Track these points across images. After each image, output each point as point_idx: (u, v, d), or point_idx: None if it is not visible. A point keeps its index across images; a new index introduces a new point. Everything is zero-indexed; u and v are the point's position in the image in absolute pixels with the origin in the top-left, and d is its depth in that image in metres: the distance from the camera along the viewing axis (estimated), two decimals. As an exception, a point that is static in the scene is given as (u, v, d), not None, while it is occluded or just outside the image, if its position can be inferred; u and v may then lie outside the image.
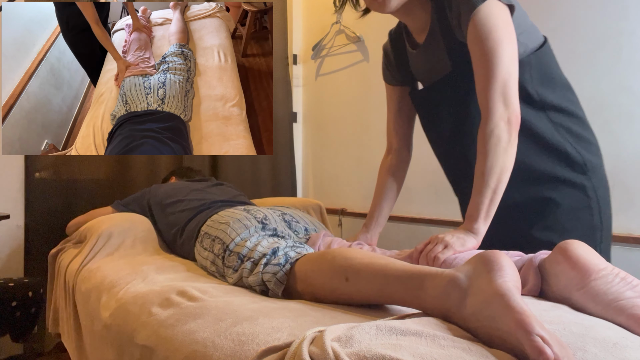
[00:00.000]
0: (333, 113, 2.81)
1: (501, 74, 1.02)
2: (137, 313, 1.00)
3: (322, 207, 2.17)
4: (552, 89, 1.15)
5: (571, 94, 1.19)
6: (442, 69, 1.20)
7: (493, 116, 1.02)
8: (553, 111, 1.14)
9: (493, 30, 1.03)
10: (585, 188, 1.13)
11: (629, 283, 0.77)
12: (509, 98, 1.02)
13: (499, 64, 1.02)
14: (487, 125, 1.02)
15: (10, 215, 1.97)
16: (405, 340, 0.62)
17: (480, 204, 1.02)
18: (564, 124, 1.14)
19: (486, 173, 1.01)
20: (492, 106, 1.02)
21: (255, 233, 1.25)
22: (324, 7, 2.80)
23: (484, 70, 1.03)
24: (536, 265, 0.88)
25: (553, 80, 1.17)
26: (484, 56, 1.03)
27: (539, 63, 1.14)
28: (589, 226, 1.13)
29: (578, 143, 1.14)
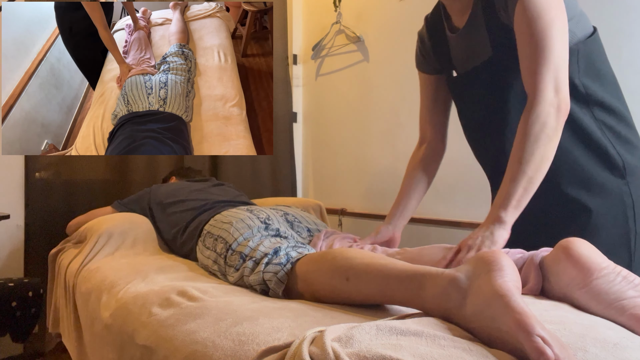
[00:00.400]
0: (333, 113, 2.81)
1: (554, 57, 0.96)
2: (137, 313, 1.00)
3: (322, 207, 2.17)
4: (599, 83, 1.08)
5: (618, 91, 1.12)
6: (482, 53, 1.13)
7: (542, 101, 0.95)
8: (598, 107, 1.07)
9: (545, 10, 0.96)
10: (622, 193, 1.06)
11: (631, 282, 0.77)
12: (560, 84, 0.96)
13: (552, 46, 0.96)
14: (534, 109, 0.95)
15: (10, 215, 1.97)
16: (405, 340, 0.62)
17: (513, 192, 0.94)
18: (607, 122, 1.07)
19: (524, 159, 0.94)
20: (541, 90, 0.95)
21: (258, 233, 1.26)
22: (324, 7, 2.80)
23: (535, 52, 0.96)
24: (537, 263, 0.88)
25: (600, 73, 1.10)
26: (535, 37, 0.96)
27: (587, 53, 1.06)
28: (624, 233, 1.06)
29: (620, 144, 1.07)
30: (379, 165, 2.50)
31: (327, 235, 1.37)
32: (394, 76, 2.38)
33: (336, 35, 2.74)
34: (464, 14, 1.15)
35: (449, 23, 1.23)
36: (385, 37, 2.43)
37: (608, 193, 1.05)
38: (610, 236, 1.05)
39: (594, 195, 1.06)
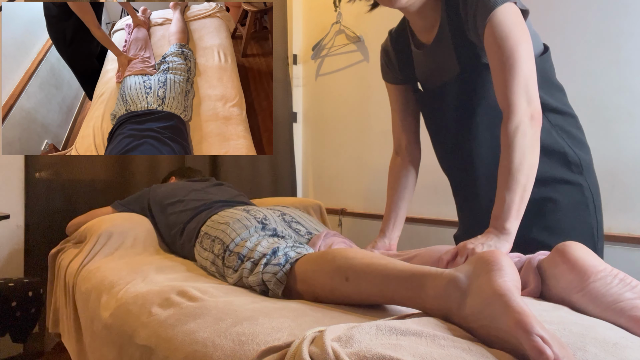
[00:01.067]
0: (333, 113, 2.81)
1: (523, 72, 1.02)
2: (137, 313, 1.00)
3: (322, 207, 2.17)
4: (550, 93, 1.17)
5: (565, 97, 1.22)
6: (449, 70, 1.20)
7: (517, 113, 1.01)
8: (552, 113, 1.16)
9: (512, 30, 1.03)
10: (582, 187, 1.15)
11: (628, 284, 0.77)
12: (531, 95, 1.02)
13: (521, 62, 1.02)
14: (512, 121, 1.01)
15: (10, 215, 1.97)
16: (405, 340, 0.62)
17: (511, 202, 0.97)
18: (561, 126, 1.16)
19: (514, 169, 0.98)
20: (515, 103, 1.01)
21: (255, 233, 1.25)
22: (324, 7, 2.80)
23: (506, 69, 1.03)
24: (535, 266, 0.88)
25: (552, 84, 1.20)
26: (505, 55, 1.03)
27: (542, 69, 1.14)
28: (588, 225, 1.15)
29: (574, 144, 1.17)
30: (379, 165, 2.50)
31: (328, 237, 1.37)
32: (393, 76, 2.38)
33: (336, 35, 2.74)
34: (430, 32, 1.21)
35: (414, 39, 1.28)
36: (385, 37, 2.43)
37: (570, 187, 1.14)
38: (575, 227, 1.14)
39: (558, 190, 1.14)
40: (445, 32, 1.17)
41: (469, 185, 1.26)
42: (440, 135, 1.31)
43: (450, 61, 1.19)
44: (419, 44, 1.27)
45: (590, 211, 1.15)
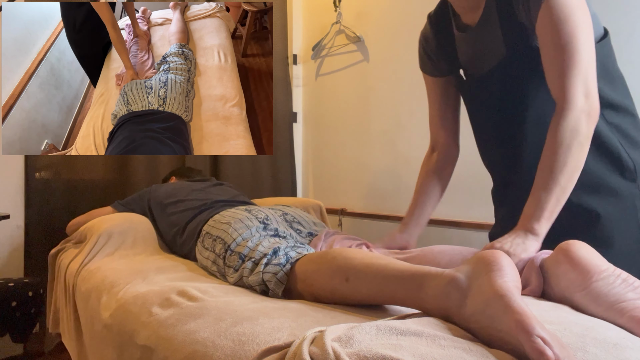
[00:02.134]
0: (333, 113, 2.81)
1: (583, 62, 0.93)
2: (137, 313, 1.00)
3: (322, 207, 2.17)
4: (610, 85, 1.06)
5: (627, 91, 1.10)
6: (494, 53, 1.09)
7: (574, 107, 0.92)
8: (609, 110, 1.05)
9: (572, 12, 0.93)
10: (634, 197, 1.03)
11: (631, 284, 0.77)
12: (590, 89, 0.94)
13: (580, 50, 0.93)
14: (565, 116, 0.92)
15: (10, 215, 1.97)
16: (405, 341, 0.62)
17: (546, 202, 0.91)
18: (618, 125, 1.05)
19: (557, 168, 0.91)
20: (572, 96, 0.93)
21: (257, 233, 1.25)
22: (324, 7, 2.80)
23: (562, 56, 0.93)
24: (537, 265, 0.88)
25: (612, 75, 1.08)
26: (563, 40, 0.93)
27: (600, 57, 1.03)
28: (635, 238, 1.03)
29: (630, 146, 1.05)
30: (379, 165, 2.50)
31: (328, 236, 1.37)
32: (394, 76, 2.38)
33: (336, 35, 2.74)
34: (475, 11, 1.10)
35: (457, 21, 1.17)
36: (385, 37, 2.43)
37: (619, 197, 1.03)
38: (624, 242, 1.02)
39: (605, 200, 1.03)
40: (492, 12, 1.06)
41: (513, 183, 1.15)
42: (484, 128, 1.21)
43: (496, 44, 1.08)
44: (462, 26, 1.16)
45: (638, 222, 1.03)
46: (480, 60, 1.14)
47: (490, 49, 1.10)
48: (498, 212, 1.26)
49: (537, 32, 0.98)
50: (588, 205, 1.03)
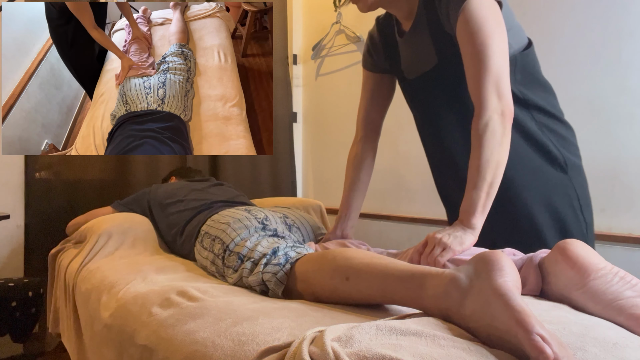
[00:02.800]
0: (333, 113, 2.81)
1: (494, 67, 1.01)
2: (137, 313, 1.00)
3: (322, 207, 2.17)
4: (534, 91, 1.16)
5: (552, 97, 1.20)
6: (428, 60, 1.18)
7: (487, 109, 1.00)
8: (536, 111, 1.15)
9: (485, 22, 1.01)
10: (567, 187, 1.15)
11: (628, 282, 0.77)
12: (502, 91, 1.01)
13: (492, 56, 1.01)
14: (481, 118, 1.00)
15: (10, 215, 1.97)
16: (405, 340, 0.62)
17: (477, 198, 0.99)
18: (546, 124, 1.16)
19: (482, 166, 0.99)
20: (485, 99, 1.00)
21: (256, 233, 1.25)
22: (324, 7, 2.80)
23: (476, 63, 1.02)
24: (536, 264, 0.88)
25: (536, 81, 1.18)
26: (476, 49, 1.01)
27: (524, 64, 1.13)
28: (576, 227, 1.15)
29: (559, 142, 1.16)
30: (379, 165, 2.48)
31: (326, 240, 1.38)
32: (393, 76, 2.38)
33: (336, 35, 2.74)
34: (409, 20, 1.19)
35: (398, 27, 1.26)
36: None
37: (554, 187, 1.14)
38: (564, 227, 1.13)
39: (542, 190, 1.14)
40: (422, 22, 1.15)
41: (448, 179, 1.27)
42: (422, 128, 1.31)
43: (428, 51, 1.17)
44: (401, 32, 1.25)
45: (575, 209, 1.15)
46: (416, 64, 1.23)
47: (424, 56, 1.19)
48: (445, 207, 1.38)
49: (458, 41, 1.06)
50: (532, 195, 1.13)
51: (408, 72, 1.27)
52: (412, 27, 1.17)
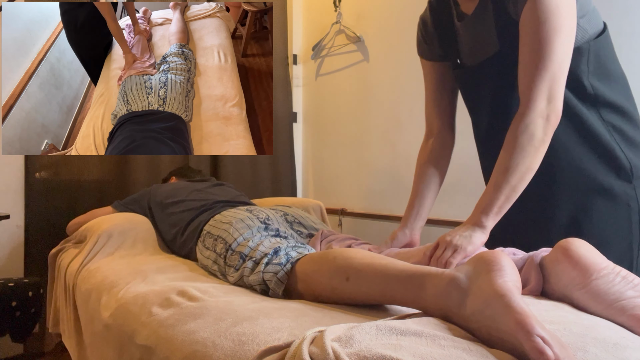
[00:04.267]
0: (333, 113, 2.81)
1: (553, 66, 0.93)
2: (137, 313, 1.00)
3: (322, 207, 2.17)
4: (607, 83, 1.05)
5: (627, 90, 1.09)
6: (489, 47, 1.09)
7: (533, 110, 0.94)
8: (606, 108, 1.04)
9: (553, 14, 0.93)
10: (628, 197, 1.03)
11: (631, 282, 0.77)
12: (555, 94, 0.95)
13: (553, 54, 0.93)
14: (524, 118, 0.95)
15: (10, 215, 1.97)
16: (405, 340, 0.62)
17: (495, 199, 0.96)
18: (615, 124, 1.04)
19: (510, 169, 0.95)
20: (534, 98, 0.94)
21: (258, 233, 1.26)
22: (324, 7, 2.80)
23: (534, 58, 0.94)
24: (537, 263, 0.88)
25: (610, 72, 1.06)
26: (538, 42, 0.94)
27: (597, 52, 1.03)
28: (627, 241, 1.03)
29: (627, 146, 1.04)
30: (379, 165, 2.50)
31: (325, 236, 1.37)
32: (394, 76, 2.38)
33: (336, 35, 2.74)
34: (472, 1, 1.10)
35: (457, 9, 1.16)
36: (385, 37, 2.43)
37: (613, 197, 1.03)
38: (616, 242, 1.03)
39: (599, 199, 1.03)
40: (487, 4, 1.06)
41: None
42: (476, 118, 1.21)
43: (490, 37, 1.08)
44: (461, 15, 1.14)
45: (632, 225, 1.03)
46: (476, 50, 1.13)
47: (485, 42, 1.10)
48: None
49: (520, 28, 0.98)
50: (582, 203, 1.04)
51: (467, 59, 1.18)
52: (476, 9, 1.07)
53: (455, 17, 1.16)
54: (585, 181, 1.04)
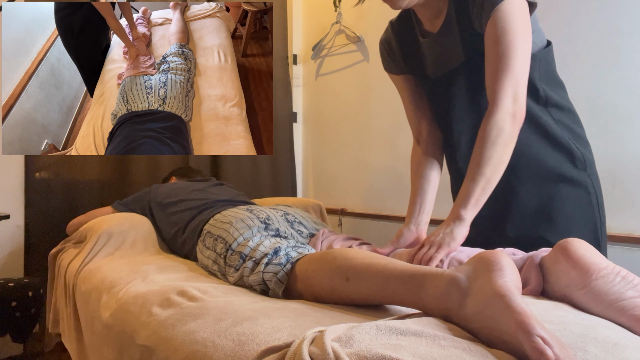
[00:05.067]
0: (333, 113, 2.81)
1: (516, 69, 1.02)
2: (137, 313, 1.00)
3: (322, 207, 2.17)
4: (553, 87, 1.18)
5: (565, 93, 1.23)
6: (455, 58, 1.19)
7: (501, 108, 1.02)
8: (554, 108, 1.17)
9: (513, 24, 1.03)
10: (587, 184, 1.15)
11: (630, 282, 0.77)
12: (519, 94, 1.03)
13: (516, 58, 1.02)
14: (493, 116, 1.02)
15: (10, 215, 1.97)
16: (405, 341, 0.62)
17: (472, 191, 1.01)
18: (564, 122, 1.17)
19: (483, 162, 1.01)
20: (501, 98, 1.02)
21: (258, 233, 1.25)
22: (324, 7, 2.80)
23: (499, 62, 1.03)
24: (537, 263, 0.88)
25: (555, 78, 1.20)
26: (501, 48, 1.03)
27: (545, 61, 1.16)
28: (592, 223, 1.15)
29: (577, 140, 1.17)
30: (379, 165, 2.50)
31: (326, 236, 1.37)
32: (394, 76, 2.38)
33: (336, 35, 2.74)
34: (436, 20, 1.20)
35: (420, 28, 1.26)
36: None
37: (576, 184, 1.15)
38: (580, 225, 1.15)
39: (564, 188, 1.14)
40: (452, 22, 1.16)
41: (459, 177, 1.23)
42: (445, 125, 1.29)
43: (456, 50, 1.18)
44: (425, 33, 1.25)
45: (594, 208, 1.16)
46: (442, 63, 1.22)
47: (451, 54, 1.19)
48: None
49: (484, 40, 1.08)
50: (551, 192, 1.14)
51: (433, 71, 1.27)
52: (443, 26, 1.17)
53: (419, 35, 1.26)
54: (548, 172, 1.15)
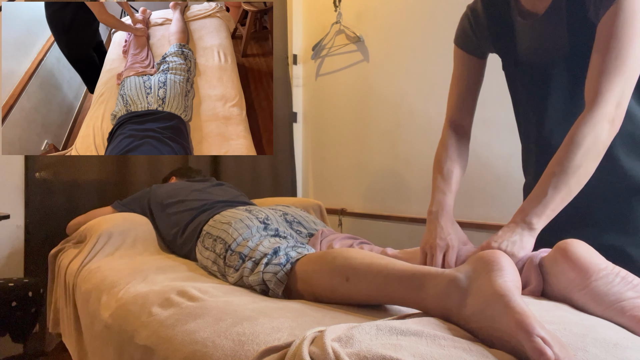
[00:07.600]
0: (333, 113, 2.81)
1: (628, 71, 0.91)
2: (137, 313, 1.00)
3: (322, 207, 2.17)
4: None
5: None
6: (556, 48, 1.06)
7: (601, 112, 0.91)
8: None
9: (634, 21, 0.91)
10: None
11: (630, 282, 0.77)
12: (623, 100, 0.92)
13: (630, 59, 0.91)
14: (590, 119, 0.91)
15: (10, 215, 1.97)
16: (405, 340, 0.62)
17: (551, 200, 0.90)
18: None
19: (570, 170, 0.90)
20: (605, 101, 0.91)
21: (257, 233, 1.25)
22: (324, 7, 2.80)
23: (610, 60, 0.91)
24: (537, 264, 0.88)
25: None
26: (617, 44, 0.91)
27: None
28: None
29: None
30: (379, 165, 2.50)
31: (325, 236, 1.37)
32: (394, 76, 2.38)
33: (336, 35, 2.74)
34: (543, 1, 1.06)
35: (518, 6, 1.11)
36: (385, 37, 2.43)
37: None
38: None
39: None
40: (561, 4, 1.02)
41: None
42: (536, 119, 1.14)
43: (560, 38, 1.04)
44: (525, 13, 1.10)
45: None
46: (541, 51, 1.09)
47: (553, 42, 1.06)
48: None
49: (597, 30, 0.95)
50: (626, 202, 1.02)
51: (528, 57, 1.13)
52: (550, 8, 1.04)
53: (518, 15, 1.11)
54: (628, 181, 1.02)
